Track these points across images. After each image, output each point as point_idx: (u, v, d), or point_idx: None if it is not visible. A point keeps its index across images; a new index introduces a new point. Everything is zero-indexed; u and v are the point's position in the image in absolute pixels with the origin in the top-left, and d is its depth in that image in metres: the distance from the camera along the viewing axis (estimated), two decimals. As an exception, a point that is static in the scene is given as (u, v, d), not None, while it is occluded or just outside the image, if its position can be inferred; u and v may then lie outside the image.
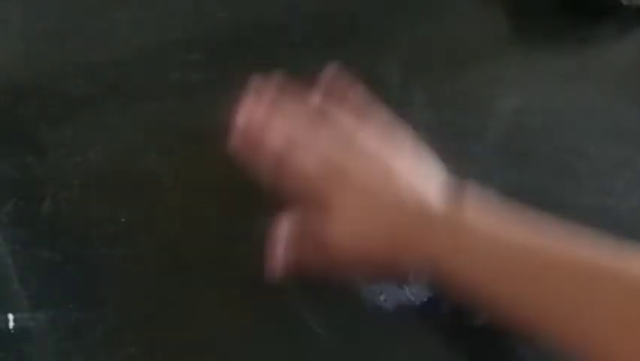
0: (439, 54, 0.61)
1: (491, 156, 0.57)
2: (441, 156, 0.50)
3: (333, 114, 0.51)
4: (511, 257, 0.43)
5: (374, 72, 0.59)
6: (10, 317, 0.50)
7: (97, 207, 0.54)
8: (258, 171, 0.50)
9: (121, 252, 0.53)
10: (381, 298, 0.51)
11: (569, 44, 0.63)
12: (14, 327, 0.50)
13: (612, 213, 0.55)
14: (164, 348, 0.50)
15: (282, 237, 0.49)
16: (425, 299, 0.51)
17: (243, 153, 0.51)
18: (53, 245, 0.53)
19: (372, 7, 0.64)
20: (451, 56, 0.61)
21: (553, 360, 0.46)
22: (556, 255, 0.43)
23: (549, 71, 0.62)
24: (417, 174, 0.49)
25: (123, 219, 0.54)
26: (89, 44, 0.61)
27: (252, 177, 0.50)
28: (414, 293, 0.51)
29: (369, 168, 0.48)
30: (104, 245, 0.53)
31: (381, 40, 0.62)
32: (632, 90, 0.61)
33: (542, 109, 0.59)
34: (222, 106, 0.57)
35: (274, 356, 0.51)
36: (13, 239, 0.53)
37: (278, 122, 0.51)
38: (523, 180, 0.56)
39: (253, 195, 0.54)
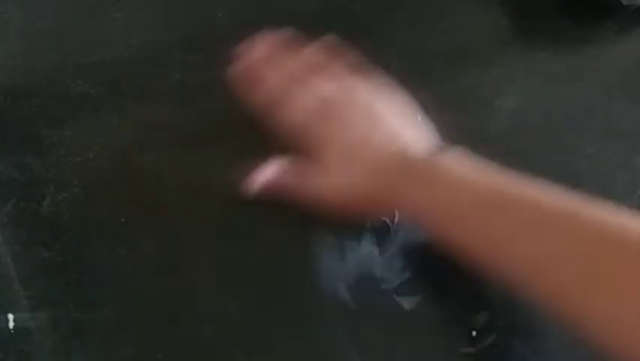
0: (439, 54, 0.61)
1: (491, 156, 0.57)
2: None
3: (332, 65, 0.54)
4: (478, 192, 0.46)
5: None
6: (10, 317, 0.50)
7: (97, 207, 0.54)
8: (256, 109, 0.52)
9: (121, 252, 0.53)
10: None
11: (569, 44, 0.63)
12: (14, 327, 0.50)
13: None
14: (164, 348, 0.50)
15: (270, 169, 0.52)
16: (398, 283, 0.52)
17: (242, 89, 0.53)
18: (53, 245, 0.53)
19: (372, 7, 0.63)
20: (451, 56, 0.61)
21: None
22: (519, 193, 0.45)
23: (549, 71, 0.61)
24: (404, 128, 0.52)
25: (123, 219, 0.54)
26: (89, 44, 0.61)
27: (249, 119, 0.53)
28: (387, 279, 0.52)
29: (360, 117, 0.51)
30: (104, 245, 0.53)
31: (381, 40, 0.62)
32: (632, 90, 0.61)
33: (542, 109, 0.59)
34: (222, 106, 0.57)
35: (275, 355, 0.51)
36: (13, 239, 0.53)
37: (280, 62, 0.54)
38: (523, 180, 0.56)
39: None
